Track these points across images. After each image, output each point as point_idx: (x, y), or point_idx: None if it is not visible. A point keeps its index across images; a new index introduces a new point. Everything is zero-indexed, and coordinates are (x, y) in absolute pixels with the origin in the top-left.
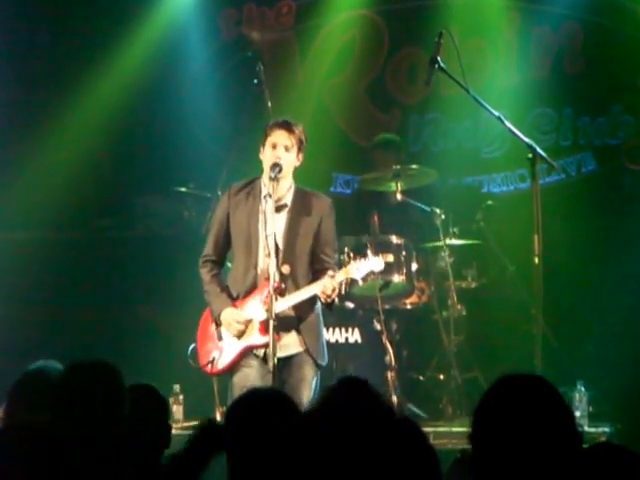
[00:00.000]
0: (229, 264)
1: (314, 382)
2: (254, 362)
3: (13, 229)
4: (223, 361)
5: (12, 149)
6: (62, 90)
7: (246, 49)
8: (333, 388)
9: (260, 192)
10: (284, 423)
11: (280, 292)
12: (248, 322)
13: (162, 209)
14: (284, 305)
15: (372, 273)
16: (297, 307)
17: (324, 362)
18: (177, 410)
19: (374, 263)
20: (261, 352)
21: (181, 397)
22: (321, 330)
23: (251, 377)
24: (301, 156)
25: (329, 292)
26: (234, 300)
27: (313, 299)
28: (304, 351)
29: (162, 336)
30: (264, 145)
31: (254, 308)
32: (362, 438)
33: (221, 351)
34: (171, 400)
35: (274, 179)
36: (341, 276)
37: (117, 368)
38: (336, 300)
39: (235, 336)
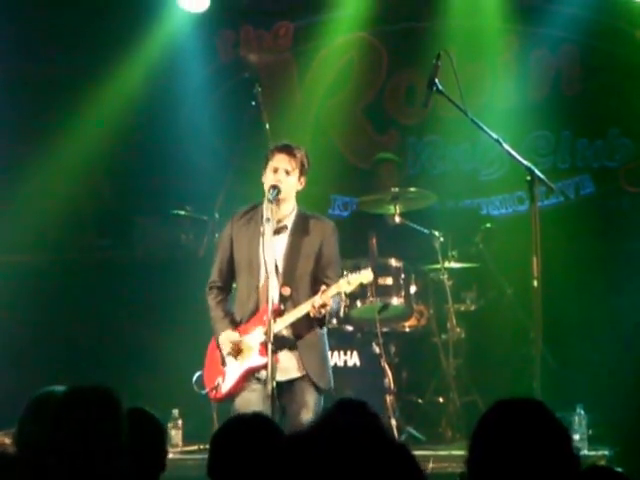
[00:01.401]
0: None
1: (316, 407)
2: (256, 386)
3: (10, 251)
4: (226, 385)
5: (9, 171)
6: (60, 111)
7: (243, 71)
8: (331, 410)
9: (262, 216)
10: (268, 449)
11: (279, 314)
12: (240, 340)
13: (160, 232)
14: (280, 325)
15: (362, 285)
16: (297, 330)
17: (327, 386)
18: (176, 435)
19: (363, 275)
20: (263, 375)
21: (180, 422)
22: (324, 354)
23: (253, 401)
24: (303, 180)
25: (317, 305)
26: (238, 324)
27: (313, 322)
28: (304, 376)
29: (161, 360)
30: (265, 169)
31: (255, 330)
32: (359, 460)
33: (224, 376)
34: (170, 425)
35: (272, 201)
36: (332, 290)
37: (116, 394)
38: (334, 321)
39: (229, 355)
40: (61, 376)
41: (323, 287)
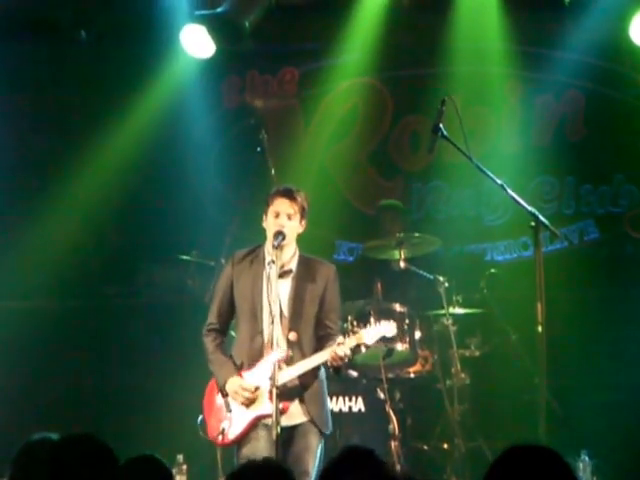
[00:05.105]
0: (232, 333)
1: (318, 451)
2: (263, 432)
3: (15, 297)
4: (234, 432)
5: (15, 217)
6: (64, 158)
7: (249, 117)
8: (338, 457)
9: (264, 259)
10: None
11: (287, 360)
12: (255, 390)
13: (166, 277)
14: (293, 373)
15: (384, 338)
16: (302, 375)
17: (328, 431)
18: None
19: (386, 328)
20: (269, 421)
21: (184, 467)
22: (325, 398)
23: (260, 448)
24: (304, 222)
25: (338, 358)
26: (239, 369)
27: (317, 367)
28: (309, 420)
29: (165, 405)
30: (266, 213)
31: (262, 376)
32: None
33: (231, 422)
34: (175, 470)
35: (277, 247)
36: (352, 342)
37: (105, 443)
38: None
39: (243, 405)
40: (63, 422)
41: (340, 339)
